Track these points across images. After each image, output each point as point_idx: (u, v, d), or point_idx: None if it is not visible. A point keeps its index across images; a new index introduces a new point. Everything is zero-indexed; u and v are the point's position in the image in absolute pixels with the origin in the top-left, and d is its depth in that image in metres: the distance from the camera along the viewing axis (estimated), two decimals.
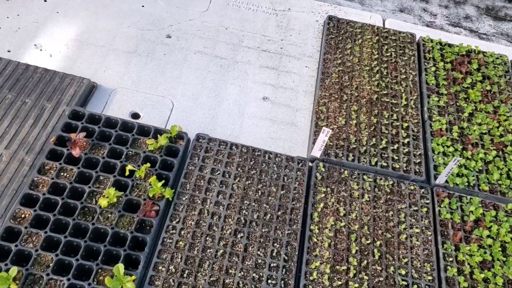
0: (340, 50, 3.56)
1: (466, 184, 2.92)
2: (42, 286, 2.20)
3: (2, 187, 2.56)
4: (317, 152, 2.84)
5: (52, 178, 2.53)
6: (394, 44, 3.67)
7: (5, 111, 2.86)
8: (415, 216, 2.76)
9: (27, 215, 2.41)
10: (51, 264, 2.27)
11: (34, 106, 2.90)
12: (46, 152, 2.62)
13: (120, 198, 2.52)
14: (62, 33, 3.47)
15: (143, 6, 3.79)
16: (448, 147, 3.08)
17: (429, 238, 2.67)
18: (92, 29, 3.54)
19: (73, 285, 2.23)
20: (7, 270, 2.20)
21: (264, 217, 2.61)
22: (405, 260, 2.56)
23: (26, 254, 2.30)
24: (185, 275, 2.35)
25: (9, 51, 3.29)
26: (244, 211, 2.62)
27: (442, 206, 2.81)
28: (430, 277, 2.52)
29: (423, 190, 2.88)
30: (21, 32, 3.43)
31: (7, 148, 2.71)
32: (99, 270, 2.29)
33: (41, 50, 3.34)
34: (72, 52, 3.36)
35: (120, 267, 2.22)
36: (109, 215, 2.47)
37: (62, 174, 2.57)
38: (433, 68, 3.53)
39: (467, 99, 3.40)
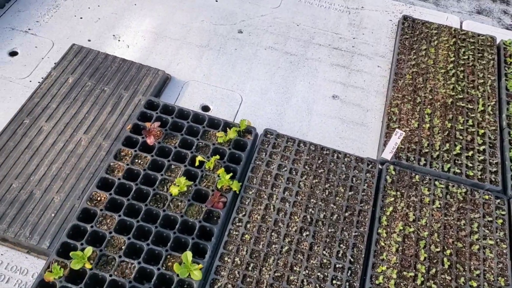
0: (414, 51, 3.45)
1: None
2: (114, 268, 2.29)
3: (80, 170, 2.69)
4: (388, 155, 2.77)
5: (127, 164, 2.62)
6: (472, 47, 3.52)
7: (85, 97, 2.99)
8: (489, 227, 2.63)
9: (102, 198, 2.51)
10: (123, 247, 2.35)
11: (112, 94, 3.02)
12: (123, 139, 2.72)
13: (190, 188, 2.58)
14: (139, 25, 3.59)
15: (216, 0, 3.84)
16: None
17: (504, 251, 2.54)
18: (167, 22, 3.64)
19: (143, 268, 2.30)
20: (82, 250, 2.30)
21: (331, 217, 2.58)
22: (477, 272, 2.45)
23: (101, 236, 2.40)
24: (250, 268, 2.37)
25: (89, 40, 3.44)
26: (310, 210, 2.60)
27: None
28: None
29: (498, 200, 2.75)
30: (101, 22, 3.57)
31: (86, 133, 2.84)
32: (168, 256, 2.35)
33: (119, 40, 3.46)
34: (148, 43, 3.47)
35: (188, 254, 2.27)
36: (179, 203, 2.53)
37: (136, 160, 2.66)
38: None
39: None
